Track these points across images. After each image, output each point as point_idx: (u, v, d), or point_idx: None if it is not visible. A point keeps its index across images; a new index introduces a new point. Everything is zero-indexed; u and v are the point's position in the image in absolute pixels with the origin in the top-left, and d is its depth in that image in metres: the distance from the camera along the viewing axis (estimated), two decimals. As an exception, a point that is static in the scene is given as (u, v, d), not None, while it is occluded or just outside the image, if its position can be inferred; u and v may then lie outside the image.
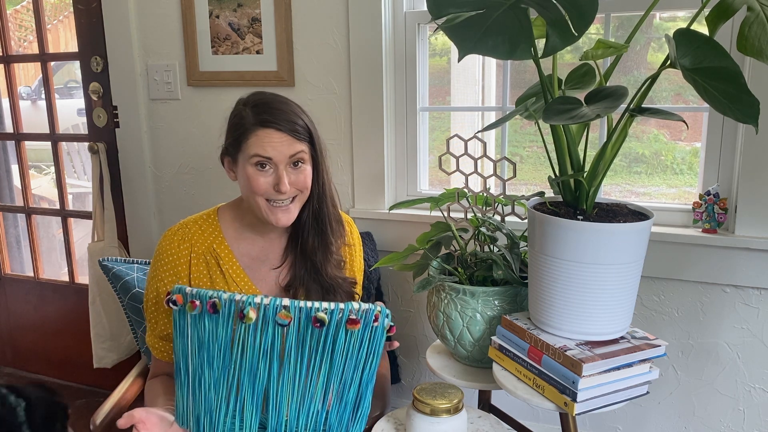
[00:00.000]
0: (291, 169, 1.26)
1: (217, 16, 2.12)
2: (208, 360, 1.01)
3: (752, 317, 1.72)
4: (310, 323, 0.99)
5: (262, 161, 1.24)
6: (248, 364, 0.99)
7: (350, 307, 1.00)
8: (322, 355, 1.01)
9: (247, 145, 1.24)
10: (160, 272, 1.30)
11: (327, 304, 1.00)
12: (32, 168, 3.25)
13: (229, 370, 1.00)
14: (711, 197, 1.70)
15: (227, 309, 0.99)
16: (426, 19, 1.92)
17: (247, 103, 1.29)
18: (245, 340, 0.98)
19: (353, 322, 1.00)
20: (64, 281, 2.75)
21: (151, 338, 1.34)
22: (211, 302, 0.99)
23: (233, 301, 0.99)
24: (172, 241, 1.31)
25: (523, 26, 1.11)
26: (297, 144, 1.25)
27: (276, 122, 1.23)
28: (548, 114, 1.19)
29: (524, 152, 2.90)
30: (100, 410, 1.43)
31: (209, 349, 1.00)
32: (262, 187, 1.24)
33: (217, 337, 1.00)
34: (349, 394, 1.06)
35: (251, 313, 0.97)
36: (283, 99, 1.31)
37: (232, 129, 1.29)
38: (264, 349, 0.99)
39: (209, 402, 1.01)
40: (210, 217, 1.36)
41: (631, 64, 2.15)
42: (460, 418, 1.26)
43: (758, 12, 1.16)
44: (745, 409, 1.79)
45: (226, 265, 1.31)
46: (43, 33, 2.48)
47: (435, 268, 1.61)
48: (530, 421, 1.94)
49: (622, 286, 1.29)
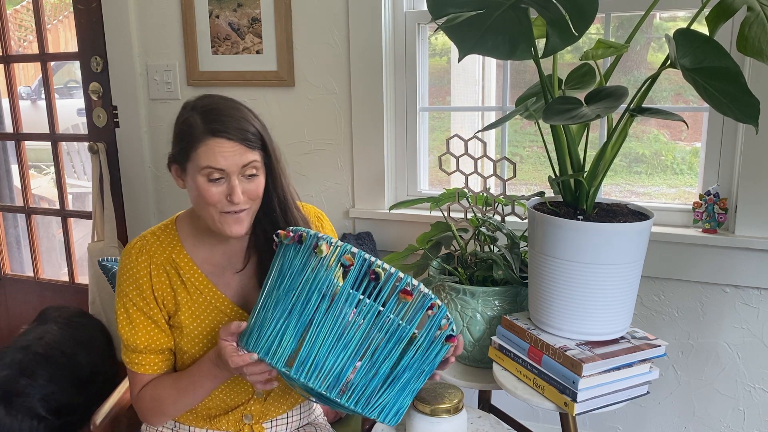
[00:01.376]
0: (243, 178, 1.20)
1: (217, 16, 2.12)
2: (278, 284, 1.09)
3: (752, 317, 1.72)
4: (368, 274, 1.05)
5: (214, 173, 1.18)
6: (306, 293, 1.06)
7: (408, 279, 1.06)
8: (369, 310, 1.06)
9: (197, 155, 1.17)
10: (123, 287, 1.27)
11: (389, 267, 1.06)
12: (32, 168, 3.25)
13: (290, 295, 1.08)
14: (711, 197, 1.70)
15: (308, 242, 1.08)
16: (426, 19, 1.92)
17: (195, 108, 1.21)
18: (312, 269, 1.07)
19: (406, 293, 1.05)
20: (64, 281, 2.75)
21: (127, 354, 1.29)
22: (299, 234, 1.09)
23: (316, 235, 1.07)
24: (130, 255, 1.28)
25: (523, 26, 1.11)
26: (249, 153, 1.19)
27: (227, 131, 1.17)
28: (548, 114, 1.19)
29: (524, 152, 2.90)
30: (100, 410, 1.43)
31: (283, 275, 1.09)
32: (215, 197, 1.19)
33: (293, 265, 1.09)
34: (384, 366, 1.08)
35: (324, 246, 1.05)
36: (233, 104, 1.23)
37: (180, 136, 1.21)
38: (323, 283, 1.06)
39: (264, 320, 1.09)
40: (168, 227, 1.32)
41: (631, 64, 2.15)
42: (460, 418, 1.26)
43: (758, 12, 1.17)
44: (745, 409, 1.79)
45: (187, 274, 1.28)
46: (43, 33, 2.48)
47: (435, 268, 1.61)
48: (530, 421, 1.94)
49: (622, 286, 1.29)
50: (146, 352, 1.28)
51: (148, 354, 1.28)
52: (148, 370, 1.29)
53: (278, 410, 1.37)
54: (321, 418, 1.50)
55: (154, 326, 1.27)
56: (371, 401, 1.09)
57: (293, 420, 1.40)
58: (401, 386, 1.11)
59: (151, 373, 1.29)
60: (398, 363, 1.09)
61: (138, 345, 1.27)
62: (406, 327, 1.08)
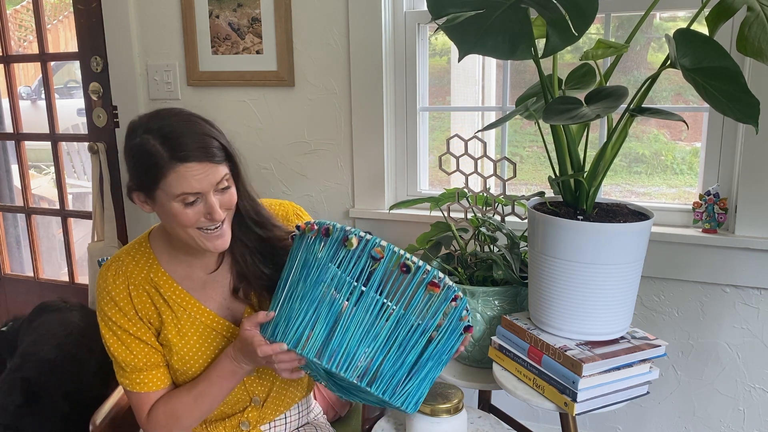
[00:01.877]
0: (218, 193, 1.16)
1: (217, 16, 2.12)
2: (305, 277, 1.11)
3: (752, 317, 1.72)
4: (398, 267, 1.08)
5: (190, 197, 1.13)
6: (335, 286, 1.09)
7: (435, 272, 1.09)
8: (398, 301, 1.09)
9: (167, 184, 1.12)
10: (106, 311, 1.23)
11: (417, 259, 1.09)
12: (32, 168, 3.25)
13: (318, 287, 1.09)
14: (711, 197, 1.70)
15: (335, 235, 1.10)
16: (426, 19, 1.92)
17: (150, 131, 1.13)
18: (341, 263, 1.09)
19: (434, 285, 1.08)
20: (64, 281, 2.75)
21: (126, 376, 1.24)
22: (326, 227, 1.10)
23: (343, 228, 1.09)
24: (106, 277, 1.24)
25: (523, 26, 1.11)
26: (219, 168, 1.14)
27: (193, 153, 1.11)
28: (548, 114, 1.19)
29: (524, 152, 2.90)
30: (100, 410, 1.43)
31: (309, 266, 1.11)
32: (193, 219, 1.15)
33: (317, 257, 1.11)
34: (409, 355, 1.11)
35: (353, 239, 1.07)
36: (189, 119, 1.17)
37: (142, 167, 1.14)
38: (353, 276, 1.08)
39: (291, 311, 1.10)
40: (142, 245, 1.28)
41: (631, 64, 2.15)
42: (460, 418, 1.26)
43: (758, 12, 1.16)
44: (745, 409, 1.79)
45: (168, 292, 1.25)
46: (43, 33, 2.48)
47: (435, 268, 1.61)
48: (530, 421, 1.94)
49: (622, 286, 1.29)
50: (147, 369, 1.24)
51: (149, 371, 1.24)
52: (153, 387, 1.24)
53: (275, 413, 1.36)
54: (321, 417, 1.49)
55: (145, 345, 1.23)
56: (397, 390, 1.12)
57: (291, 420, 1.40)
58: (424, 375, 1.14)
59: (156, 390, 1.25)
60: (423, 353, 1.12)
61: (137, 364, 1.23)
62: (435, 320, 1.11)
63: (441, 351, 1.14)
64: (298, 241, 1.16)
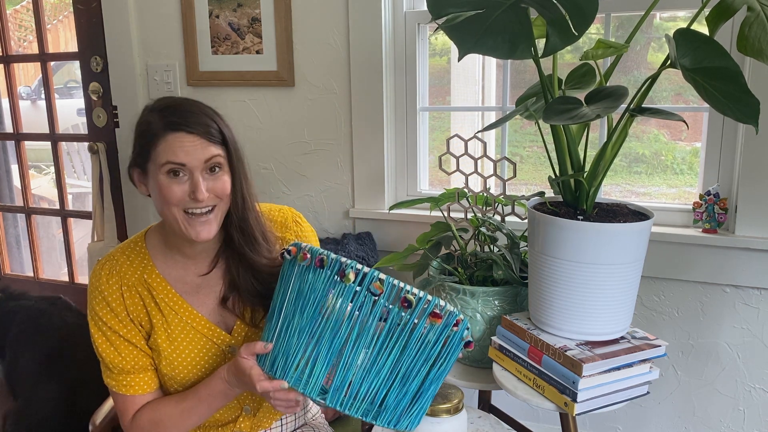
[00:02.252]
0: (207, 174, 1.14)
1: (217, 16, 2.12)
2: (301, 308, 1.07)
3: (752, 317, 1.72)
4: (399, 301, 1.04)
5: (176, 168, 1.11)
6: (334, 321, 1.05)
7: (436, 302, 1.05)
8: (400, 335, 1.05)
9: (156, 153, 1.12)
10: (97, 311, 1.21)
11: (417, 290, 1.05)
12: (32, 168, 3.25)
13: (317, 321, 1.06)
14: (711, 197, 1.70)
15: (331, 266, 1.05)
16: (426, 19, 1.92)
17: (154, 108, 1.16)
18: (338, 298, 1.05)
19: (436, 316, 1.04)
20: (64, 281, 2.75)
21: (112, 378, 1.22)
22: (320, 257, 1.06)
23: (339, 261, 1.05)
24: (99, 276, 1.22)
25: (523, 26, 1.11)
26: (212, 147, 1.13)
27: (187, 124, 1.11)
28: (548, 114, 1.19)
29: (524, 152, 2.90)
30: (99, 410, 1.43)
31: (305, 298, 1.07)
32: (177, 195, 1.12)
33: (315, 289, 1.06)
34: (412, 384, 1.09)
35: (351, 274, 1.03)
36: (194, 101, 1.18)
37: (139, 136, 1.16)
38: (351, 312, 1.04)
39: (289, 346, 1.07)
40: (138, 245, 1.26)
41: (631, 64, 2.15)
42: (460, 418, 1.26)
43: (758, 12, 1.16)
44: (745, 409, 1.79)
45: (161, 295, 1.22)
46: (43, 33, 2.48)
47: (435, 268, 1.61)
48: (530, 421, 1.94)
49: (622, 286, 1.29)
50: (134, 372, 1.22)
51: (137, 373, 1.22)
52: (139, 391, 1.22)
53: (270, 421, 1.35)
54: (319, 417, 1.48)
55: (134, 347, 1.22)
56: (402, 417, 1.10)
57: (288, 423, 1.38)
58: (427, 396, 1.12)
59: (143, 393, 1.23)
60: (426, 377, 1.09)
61: (125, 366, 1.21)
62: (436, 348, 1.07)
63: (443, 372, 1.12)
64: (290, 266, 1.11)
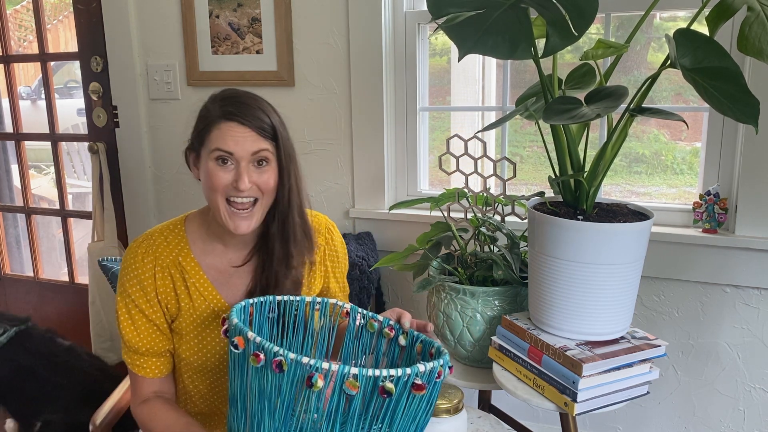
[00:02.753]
0: (254, 167, 1.17)
1: (217, 16, 2.12)
2: (270, 410, 0.98)
3: (752, 317, 1.72)
4: (377, 392, 0.95)
5: (224, 156, 1.15)
6: (310, 424, 0.97)
7: (416, 371, 0.96)
8: (384, 417, 0.98)
9: (209, 139, 1.17)
10: (126, 287, 1.24)
11: (394, 371, 0.94)
12: (32, 168, 3.25)
13: (291, 425, 0.98)
14: (711, 197, 1.70)
15: (293, 371, 0.94)
16: (426, 19, 1.92)
17: (217, 97, 1.22)
18: (310, 401, 0.96)
19: (419, 388, 0.96)
20: (64, 281, 2.75)
21: (128, 355, 1.26)
22: (278, 361, 0.94)
23: (300, 363, 0.93)
24: (136, 254, 1.25)
25: (523, 26, 1.11)
26: (261, 141, 1.16)
27: (241, 116, 1.15)
28: (548, 114, 1.19)
29: (524, 152, 2.90)
30: (99, 410, 1.43)
31: (271, 400, 0.97)
32: (221, 182, 1.16)
33: (280, 392, 0.96)
34: None
35: (319, 381, 0.92)
36: (255, 96, 1.22)
37: (198, 121, 1.22)
38: (328, 413, 0.95)
39: None
40: (177, 227, 1.28)
41: (631, 64, 2.15)
42: (460, 418, 1.26)
43: (758, 12, 1.16)
44: (745, 409, 1.79)
45: (192, 279, 1.25)
46: (43, 33, 2.48)
47: (435, 268, 1.61)
48: (530, 421, 1.94)
49: (622, 286, 1.29)
50: (147, 355, 1.26)
51: (149, 357, 1.26)
52: (149, 374, 1.26)
53: None
54: None
55: (155, 329, 1.25)
56: None
57: None
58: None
59: (152, 377, 1.27)
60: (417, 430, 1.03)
61: (140, 347, 1.25)
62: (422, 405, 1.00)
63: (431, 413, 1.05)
64: (241, 359, 1.01)
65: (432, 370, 0.97)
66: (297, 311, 1.20)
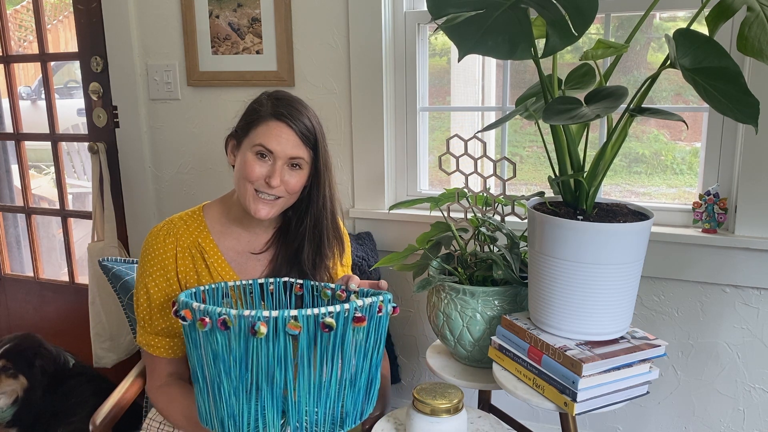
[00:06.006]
0: (287, 168, 1.27)
1: (217, 16, 2.12)
2: (225, 371, 1.03)
3: (752, 317, 1.72)
4: (319, 329, 1.01)
5: (264, 152, 1.26)
6: (264, 372, 1.02)
7: (355, 306, 1.03)
8: (333, 353, 1.04)
9: (255, 133, 1.27)
10: (148, 268, 1.31)
11: (333, 308, 1.01)
12: (32, 168, 3.25)
13: (247, 379, 1.03)
14: (711, 197, 1.70)
15: (237, 324, 1.00)
16: (426, 19, 1.92)
17: (270, 95, 1.33)
18: (259, 351, 1.01)
19: (359, 320, 1.04)
20: (64, 281, 2.75)
21: (144, 336, 1.34)
22: (222, 320, 1.00)
23: (242, 316, 0.99)
24: (157, 237, 1.33)
25: (523, 26, 1.11)
26: (301, 147, 1.27)
27: (290, 118, 1.26)
28: (548, 114, 1.19)
29: (524, 152, 2.90)
30: (100, 410, 1.43)
31: (224, 360, 1.03)
32: (256, 174, 1.26)
33: (231, 350, 1.02)
34: (361, 380, 1.10)
35: (262, 327, 0.98)
36: (304, 103, 1.34)
37: (248, 113, 1.32)
38: (278, 357, 1.01)
39: (231, 407, 1.05)
40: (195, 214, 1.38)
41: (631, 64, 2.15)
42: (460, 418, 1.26)
43: (758, 12, 1.17)
44: (745, 409, 1.79)
45: (211, 259, 1.33)
46: (43, 33, 2.48)
47: (435, 268, 1.61)
48: (530, 421, 1.94)
49: (622, 286, 1.29)
50: (163, 335, 1.31)
51: (164, 337, 1.32)
52: (162, 353, 1.32)
53: None
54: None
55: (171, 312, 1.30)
56: (365, 409, 1.13)
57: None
58: (378, 378, 1.14)
59: (165, 357, 1.33)
60: (371, 368, 1.10)
61: (155, 327, 1.31)
62: (370, 340, 1.07)
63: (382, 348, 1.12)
64: (191, 330, 1.07)
65: (372, 304, 1.05)
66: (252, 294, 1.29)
